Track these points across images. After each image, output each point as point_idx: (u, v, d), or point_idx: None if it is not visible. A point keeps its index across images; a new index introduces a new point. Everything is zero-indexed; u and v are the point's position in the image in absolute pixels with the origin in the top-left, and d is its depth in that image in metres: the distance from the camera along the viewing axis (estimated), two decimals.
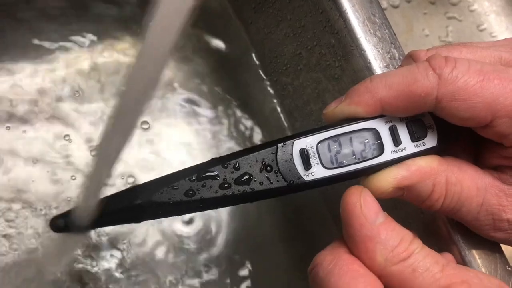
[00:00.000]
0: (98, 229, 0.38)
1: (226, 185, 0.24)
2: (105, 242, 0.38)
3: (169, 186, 0.24)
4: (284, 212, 0.42)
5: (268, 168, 0.25)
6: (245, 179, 0.24)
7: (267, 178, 0.25)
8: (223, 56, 0.45)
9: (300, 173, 0.25)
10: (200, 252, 0.40)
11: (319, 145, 0.25)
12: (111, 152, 0.21)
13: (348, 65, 0.33)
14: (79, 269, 0.37)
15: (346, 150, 0.25)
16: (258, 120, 0.44)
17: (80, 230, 0.25)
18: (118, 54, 0.42)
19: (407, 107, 0.24)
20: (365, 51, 0.31)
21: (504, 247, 0.28)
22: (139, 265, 0.38)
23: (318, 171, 0.25)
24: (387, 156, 0.25)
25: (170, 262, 0.39)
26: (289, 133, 0.44)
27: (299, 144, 0.25)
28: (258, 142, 0.44)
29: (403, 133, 0.25)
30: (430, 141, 0.25)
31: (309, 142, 0.25)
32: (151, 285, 0.38)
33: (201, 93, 0.43)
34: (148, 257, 0.39)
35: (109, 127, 0.20)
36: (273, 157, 0.25)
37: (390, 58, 0.31)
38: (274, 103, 0.44)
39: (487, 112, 0.23)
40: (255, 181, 0.24)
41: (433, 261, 0.22)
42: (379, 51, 0.31)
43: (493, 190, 0.25)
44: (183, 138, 0.42)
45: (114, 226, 0.38)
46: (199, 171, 0.24)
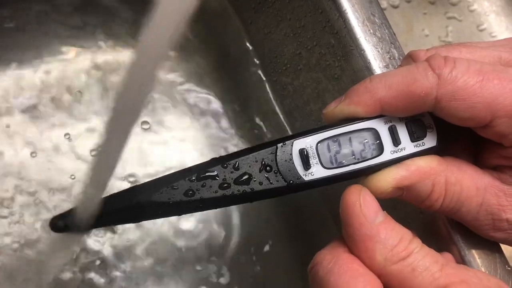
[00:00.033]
0: (98, 229, 0.38)
1: (225, 185, 0.24)
2: (105, 242, 0.38)
3: (169, 186, 0.24)
4: (284, 212, 0.42)
5: (268, 168, 0.25)
6: (245, 179, 0.24)
7: (267, 178, 0.25)
8: (223, 56, 0.45)
9: (300, 173, 0.25)
10: (199, 252, 0.40)
11: (319, 145, 0.25)
12: (111, 152, 0.21)
13: (348, 65, 0.33)
14: (79, 269, 0.37)
15: (346, 150, 0.25)
16: (258, 120, 0.44)
17: (80, 230, 0.25)
18: (119, 53, 0.42)
19: (407, 107, 0.24)
20: (364, 51, 0.31)
21: (503, 247, 0.28)
22: (139, 265, 0.38)
23: (317, 171, 0.25)
24: (386, 156, 0.25)
25: (170, 262, 0.39)
26: (289, 133, 0.44)
27: (298, 144, 0.25)
28: (257, 142, 0.44)
29: (403, 133, 0.25)
30: (430, 141, 0.25)
31: (308, 142, 0.25)
32: (151, 284, 0.38)
33: (201, 93, 0.44)
34: (148, 257, 0.39)
35: (109, 127, 0.20)
36: (273, 157, 0.25)
37: (389, 58, 0.31)
38: (274, 103, 0.44)
39: (487, 112, 0.23)
40: (254, 181, 0.24)
41: (432, 260, 0.22)
42: (378, 51, 0.31)
43: (492, 190, 0.25)
44: (183, 138, 0.42)
45: (114, 226, 0.38)
46: (198, 171, 0.24)
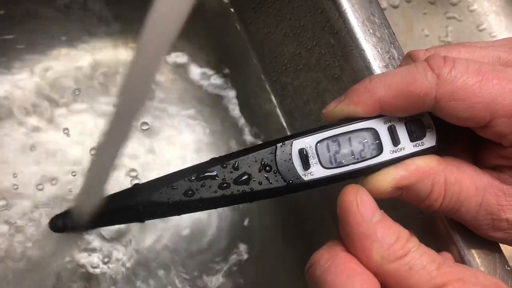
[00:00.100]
0: (98, 229, 0.38)
1: (225, 185, 0.24)
2: (105, 242, 0.38)
3: (169, 186, 0.24)
4: (283, 212, 0.42)
5: (267, 168, 0.25)
6: (244, 179, 0.24)
7: (266, 178, 0.25)
8: (223, 56, 0.45)
9: (299, 173, 0.25)
10: (198, 252, 0.40)
11: (318, 145, 0.25)
12: (110, 152, 0.21)
13: (348, 65, 0.33)
14: (79, 269, 0.37)
15: (345, 150, 0.25)
16: (257, 120, 0.44)
17: (80, 229, 0.25)
18: (118, 53, 0.42)
19: (406, 107, 0.24)
20: (364, 51, 0.31)
21: (503, 246, 0.28)
22: (139, 265, 0.38)
23: (317, 171, 0.25)
24: (386, 156, 0.25)
25: (169, 263, 0.39)
26: (288, 133, 0.44)
27: (298, 144, 0.25)
28: (257, 142, 0.44)
29: (402, 133, 0.25)
30: (429, 141, 0.25)
31: (308, 142, 0.25)
32: (151, 285, 0.38)
33: (200, 93, 0.44)
34: (148, 257, 0.39)
35: (108, 127, 0.20)
36: (272, 157, 0.25)
37: (389, 58, 0.31)
38: (273, 103, 0.44)
39: (486, 112, 0.23)
40: (254, 181, 0.24)
41: (429, 259, 0.22)
42: (378, 51, 0.31)
43: (492, 190, 0.25)
44: (183, 138, 0.42)
45: (113, 226, 0.38)
46: (198, 171, 0.24)
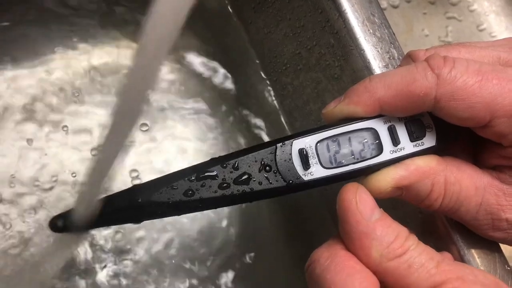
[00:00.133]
0: (98, 229, 0.38)
1: (225, 185, 0.24)
2: (105, 242, 0.38)
3: (169, 186, 0.24)
4: (283, 212, 0.42)
5: (267, 168, 0.25)
6: (244, 179, 0.24)
7: (266, 178, 0.25)
8: (222, 56, 0.45)
9: (299, 173, 0.25)
10: (198, 252, 0.40)
11: (318, 145, 0.25)
12: (111, 153, 0.21)
13: (348, 65, 0.33)
14: (78, 269, 0.37)
15: (345, 150, 0.25)
16: (257, 120, 0.44)
17: (80, 230, 0.25)
18: (117, 54, 0.42)
19: (406, 107, 0.24)
20: (364, 51, 0.31)
21: (503, 246, 0.28)
22: (139, 265, 0.38)
23: (317, 171, 0.25)
24: (386, 156, 0.25)
25: (169, 263, 0.39)
26: (288, 132, 0.44)
27: (298, 144, 0.25)
28: (257, 142, 0.44)
29: (402, 133, 0.25)
30: (429, 141, 0.25)
31: (308, 142, 0.25)
32: (151, 284, 0.38)
33: (200, 93, 0.44)
34: (147, 257, 0.39)
35: (109, 127, 0.20)
36: (272, 157, 0.25)
37: (389, 58, 0.31)
38: (273, 103, 0.44)
39: (486, 112, 0.23)
40: (254, 181, 0.24)
41: (428, 257, 0.22)
42: (378, 51, 0.31)
43: (492, 190, 0.25)
44: (183, 138, 0.42)
45: (113, 226, 0.38)
46: (198, 171, 0.24)
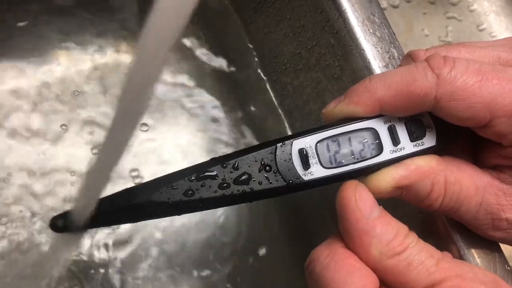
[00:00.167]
0: (98, 229, 0.38)
1: (225, 185, 0.24)
2: (105, 241, 0.38)
3: (169, 186, 0.24)
4: (283, 212, 0.42)
5: (267, 168, 0.25)
6: (244, 179, 0.24)
7: (266, 178, 0.25)
8: (222, 56, 0.45)
9: (299, 173, 0.25)
10: (198, 253, 0.40)
11: (318, 145, 0.25)
12: (112, 153, 0.21)
13: (348, 65, 0.33)
14: (78, 269, 0.37)
15: (345, 150, 0.25)
16: (257, 120, 0.44)
17: (80, 229, 0.25)
18: (118, 54, 0.42)
19: (406, 106, 0.24)
20: (364, 51, 0.31)
21: (503, 246, 0.28)
22: (139, 265, 0.38)
23: (317, 171, 0.25)
24: (386, 156, 0.25)
25: (168, 262, 0.39)
26: (288, 132, 0.44)
27: (298, 144, 0.25)
28: (257, 142, 0.44)
29: (402, 132, 0.25)
30: (429, 141, 0.25)
31: (308, 142, 0.25)
32: (151, 284, 0.38)
33: (200, 93, 0.44)
34: (147, 257, 0.39)
35: (110, 128, 0.20)
36: (272, 157, 0.25)
37: (389, 58, 0.31)
38: (273, 102, 0.44)
39: (486, 112, 0.23)
40: (254, 181, 0.24)
41: (427, 254, 0.22)
42: (378, 50, 0.31)
43: (492, 190, 0.25)
44: (182, 139, 0.42)
45: (113, 226, 0.38)
46: (198, 171, 0.24)
